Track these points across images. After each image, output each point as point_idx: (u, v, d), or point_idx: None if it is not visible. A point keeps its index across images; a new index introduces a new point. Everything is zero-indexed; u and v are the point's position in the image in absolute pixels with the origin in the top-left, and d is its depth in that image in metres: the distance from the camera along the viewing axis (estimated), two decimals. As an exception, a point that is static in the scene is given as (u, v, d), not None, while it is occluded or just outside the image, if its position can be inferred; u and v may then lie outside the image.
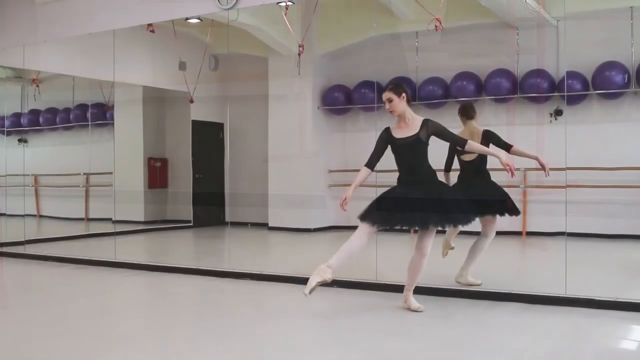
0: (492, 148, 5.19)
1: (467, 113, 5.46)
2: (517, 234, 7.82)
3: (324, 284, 4.40)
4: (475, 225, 5.64)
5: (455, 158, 5.54)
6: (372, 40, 6.85)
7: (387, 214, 4.56)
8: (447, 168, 5.56)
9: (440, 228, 4.71)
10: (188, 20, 7.40)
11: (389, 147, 4.71)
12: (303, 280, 5.68)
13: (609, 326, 4.31)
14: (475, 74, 8.33)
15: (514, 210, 5.36)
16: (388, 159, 4.70)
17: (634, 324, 4.35)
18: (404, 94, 4.65)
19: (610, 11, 7.71)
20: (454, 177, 5.57)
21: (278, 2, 6.80)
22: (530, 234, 7.86)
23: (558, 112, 7.93)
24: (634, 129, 7.90)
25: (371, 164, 4.69)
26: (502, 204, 5.35)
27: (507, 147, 5.22)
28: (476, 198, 5.10)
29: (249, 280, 6.09)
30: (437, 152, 5.60)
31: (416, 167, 4.65)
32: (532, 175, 7.74)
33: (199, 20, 7.46)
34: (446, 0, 5.94)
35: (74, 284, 6.34)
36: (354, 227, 4.65)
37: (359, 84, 9.23)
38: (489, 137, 5.30)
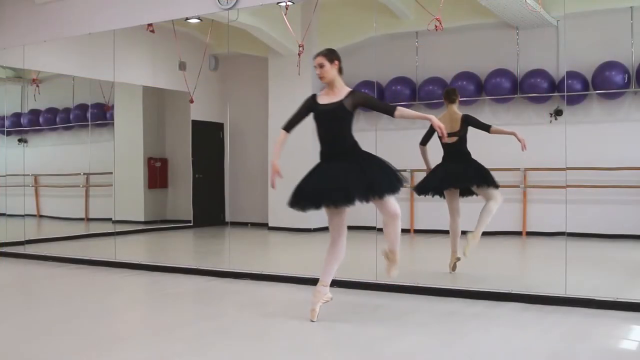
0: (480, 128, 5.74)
1: (449, 97, 5.97)
2: (517, 234, 7.82)
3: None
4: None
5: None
6: (372, 40, 6.84)
7: (314, 194, 4.34)
8: (423, 142, 6.02)
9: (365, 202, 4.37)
10: (188, 20, 7.40)
11: (312, 116, 4.48)
12: (303, 280, 5.72)
13: (609, 326, 4.31)
14: (475, 74, 8.33)
15: (491, 182, 5.70)
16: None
17: (634, 324, 4.35)
18: (336, 61, 4.50)
19: (610, 11, 7.71)
20: (436, 158, 5.95)
21: (278, 2, 6.80)
22: (530, 234, 7.86)
23: (558, 112, 7.93)
24: (634, 129, 7.90)
25: (288, 126, 4.49)
26: (480, 177, 5.72)
27: (486, 127, 5.70)
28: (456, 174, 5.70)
29: (249, 280, 6.09)
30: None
31: (338, 138, 4.42)
32: (532, 175, 7.74)
33: (199, 20, 7.46)
34: (446, 0, 5.93)
35: (74, 284, 6.34)
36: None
37: (359, 84, 9.21)
38: (468, 121, 5.80)
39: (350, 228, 4.63)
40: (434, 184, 5.89)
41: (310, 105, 4.51)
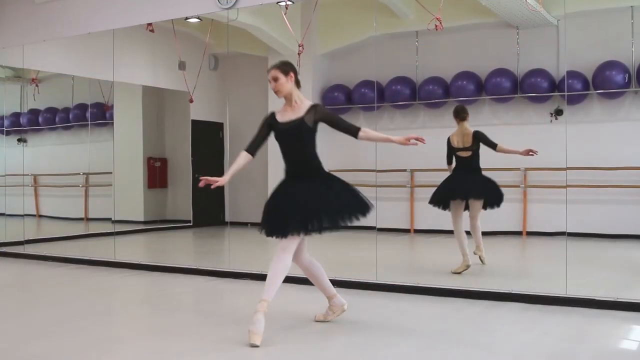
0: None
1: (459, 115, 6.09)
2: (518, 233, 7.81)
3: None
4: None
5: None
6: (372, 40, 6.83)
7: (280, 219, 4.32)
8: (449, 161, 6.14)
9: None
10: (188, 20, 7.41)
11: (273, 135, 4.29)
12: (303, 281, 5.70)
13: (609, 326, 4.31)
14: (475, 73, 8.32)
15: (496, 200, 5.97)
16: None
17: (634, 324, 4.35)
18: (291, 73, 4.21)
19: (611, 11, 7.71)
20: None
21: (278, 2, 6.80)
22: (531, 233, 7.85)
23: (558, 112, 7.92)
24: (634, 129, 7.89)
25: (250, 148, 4.28)
26: (485, 192, 5.95)
27: (493, 145, 5.86)
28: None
29: (249, 280, 6.09)
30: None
31: (301, 157, 4.20)
32: (532, 175, 7.73)
33: (198, 20, 7.46)
34: (446, 0, 5.93)
35: (74, 284, 6.34)
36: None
37: (359, 83, 9.23)
38: (478, 137, 5.93)
39: (350, 228, 4.62)
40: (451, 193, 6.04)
41: (270, 124, 4.28)
